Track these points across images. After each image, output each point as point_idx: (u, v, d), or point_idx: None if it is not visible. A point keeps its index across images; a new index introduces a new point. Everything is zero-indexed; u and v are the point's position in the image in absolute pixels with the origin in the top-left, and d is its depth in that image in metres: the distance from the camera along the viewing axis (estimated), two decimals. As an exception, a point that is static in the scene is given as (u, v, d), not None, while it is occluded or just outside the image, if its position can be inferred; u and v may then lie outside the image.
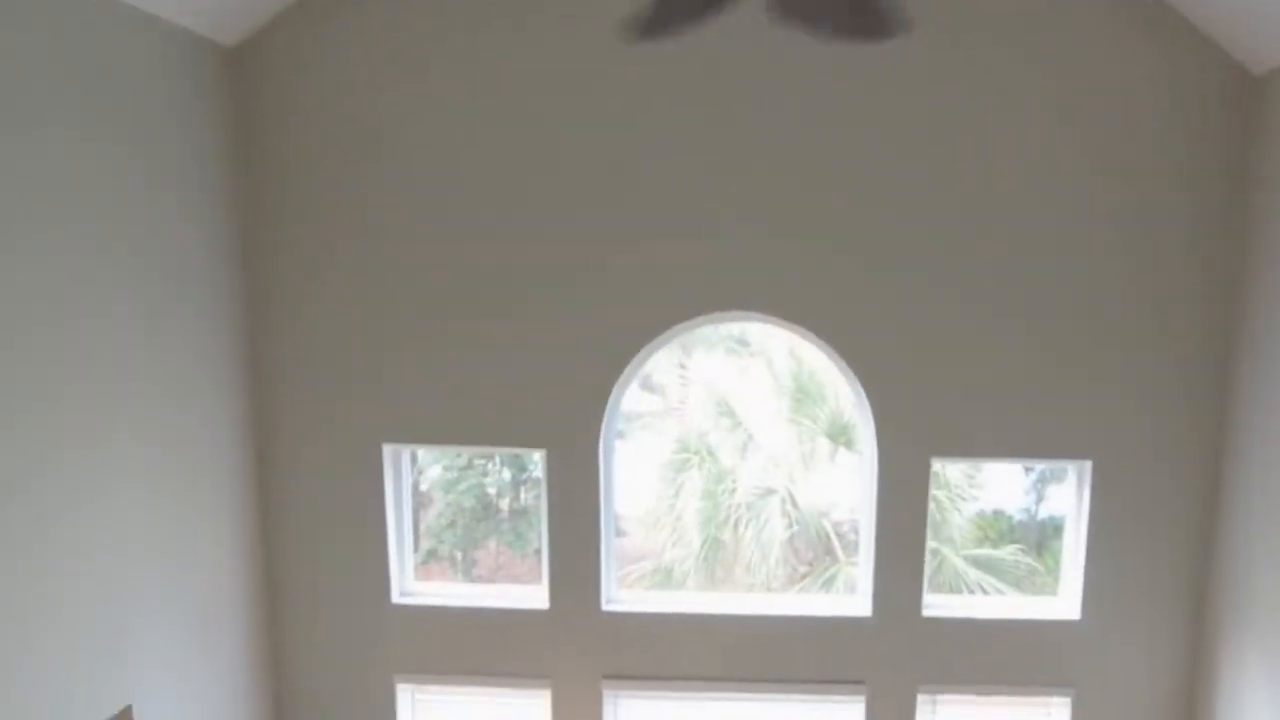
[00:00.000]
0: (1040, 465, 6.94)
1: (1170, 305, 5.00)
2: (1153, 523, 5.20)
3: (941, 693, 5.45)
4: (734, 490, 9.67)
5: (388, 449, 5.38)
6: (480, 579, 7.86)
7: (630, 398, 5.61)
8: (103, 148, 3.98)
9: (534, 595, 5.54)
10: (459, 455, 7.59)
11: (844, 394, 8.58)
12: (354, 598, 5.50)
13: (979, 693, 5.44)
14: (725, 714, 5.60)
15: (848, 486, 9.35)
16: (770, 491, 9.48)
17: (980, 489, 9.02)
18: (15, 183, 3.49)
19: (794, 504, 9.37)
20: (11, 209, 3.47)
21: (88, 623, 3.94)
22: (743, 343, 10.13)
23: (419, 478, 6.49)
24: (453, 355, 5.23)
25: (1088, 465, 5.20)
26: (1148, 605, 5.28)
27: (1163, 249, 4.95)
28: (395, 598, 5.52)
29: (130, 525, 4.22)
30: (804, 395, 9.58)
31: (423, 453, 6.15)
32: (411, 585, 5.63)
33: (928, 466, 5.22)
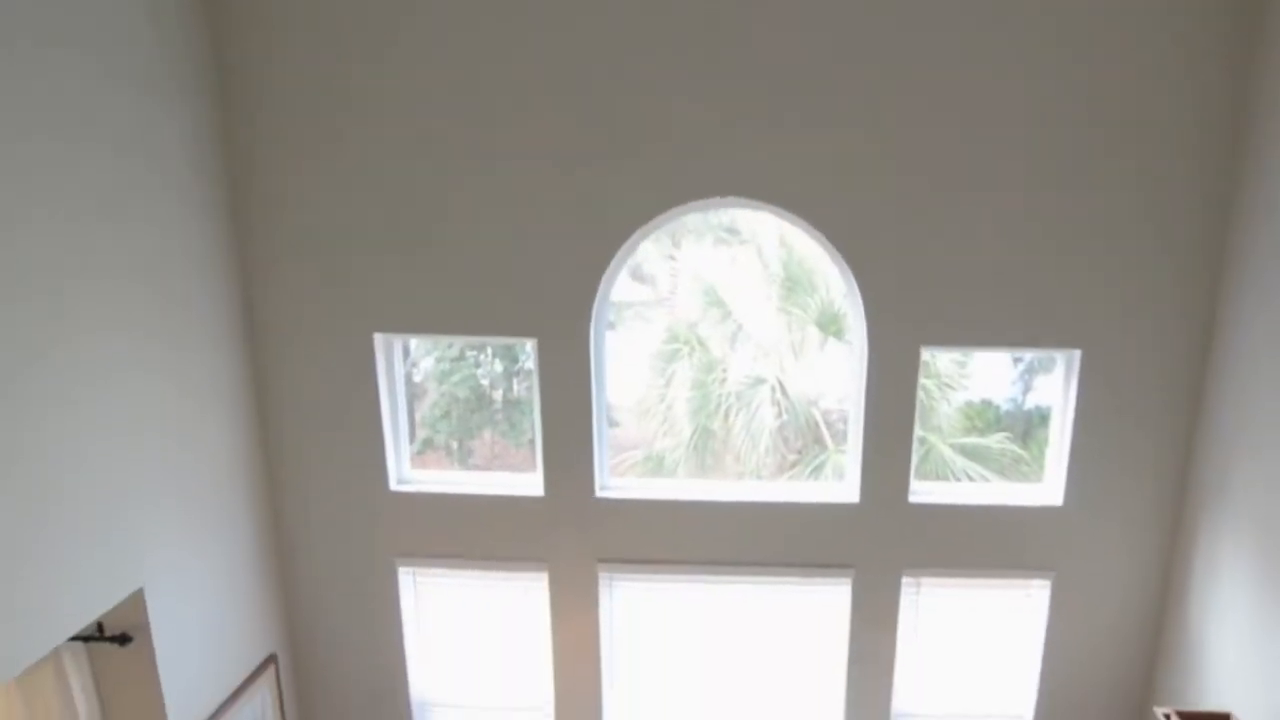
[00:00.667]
0: (1029, 355, 6.99)
1: (1164, 196, 4.96)
2: (1138, 413, 5.27)
3: (926, 576, 5.62)
4: (724, 380, 9.75)
5: (379, 338, 5.39)
6: (477, 468, 7.98)
7: (621, 288, 5.60)
8: (75, 48, 3.87)
9: (529, 483, 5.64)
10: (450, 346, 7.61)
11: (834, 283, 8.59)
12: (352, 484, 5.59)
13: (962, 575, 5.60)
14: (716, 595, 5.78)
15: (837, 375, 9.43)
16: (760, 381, 9.56)
17: (969, 378, 9.10)
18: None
19: (784, 393, 9.46)
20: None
21: (92, 512, 4.01)
22: (732, 231, 10.04)
23: (412, 369, 6.51)
24: (442, 244, 5.19)
25: (1076, 355, 5.25)
26: (1129, 493, 5.40)
27: (1158, 138, 4.88)
28: (393, 485, 5.61)
29: (131, 414, 4.26)
30: (794, 284, 9.57)
31: (415, 344, 6.16)
32: (409, 473, 5.71)
33: (917, 355, 5.26)
